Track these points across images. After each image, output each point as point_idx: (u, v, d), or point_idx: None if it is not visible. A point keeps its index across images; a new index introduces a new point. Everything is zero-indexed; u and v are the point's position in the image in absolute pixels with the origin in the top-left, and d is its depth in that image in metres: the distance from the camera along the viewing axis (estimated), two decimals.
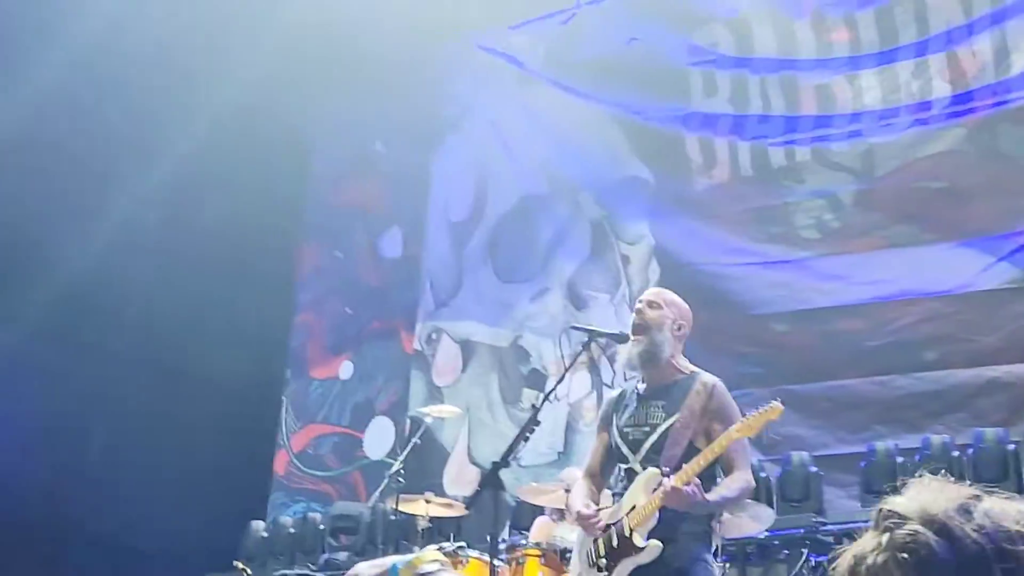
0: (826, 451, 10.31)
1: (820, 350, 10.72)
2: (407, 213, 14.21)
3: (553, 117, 12.88)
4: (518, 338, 12.74)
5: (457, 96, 13.91)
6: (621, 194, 12.31)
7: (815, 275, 10.99)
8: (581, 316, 11.96)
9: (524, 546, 7.83)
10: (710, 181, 11.75)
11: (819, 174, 11.17)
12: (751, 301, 11.24)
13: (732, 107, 11.73)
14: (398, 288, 14.08)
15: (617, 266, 12.14)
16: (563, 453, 11.87)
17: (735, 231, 11.52)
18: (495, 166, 13.38)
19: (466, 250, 13.42)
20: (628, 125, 12.34)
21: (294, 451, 14.31)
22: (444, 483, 12.51)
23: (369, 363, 14.06)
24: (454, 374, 13.16)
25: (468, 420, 12.77)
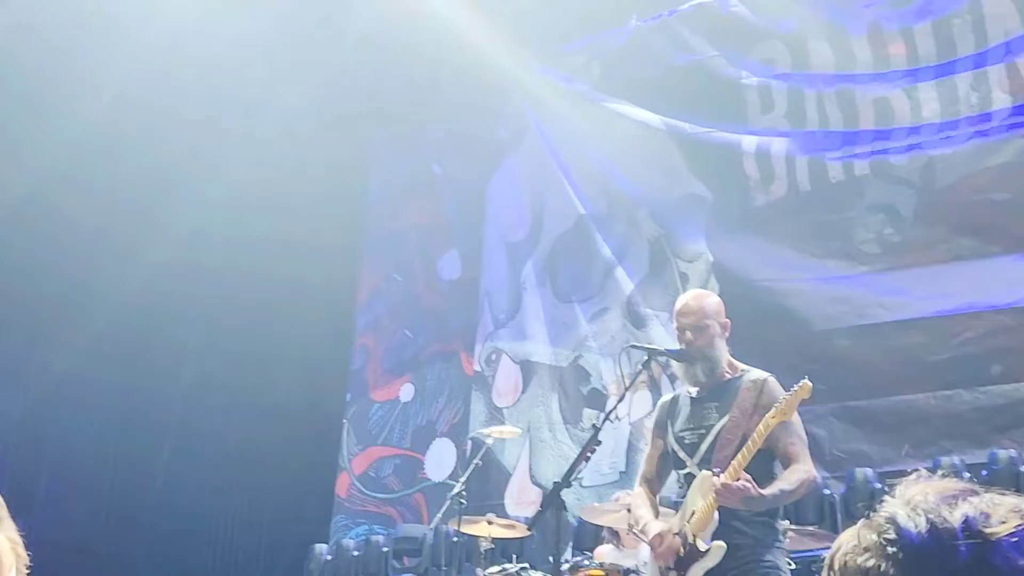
0: (891, 467, 10.19)
1: (883, 365, 10.61)
2: (465, 234, 14.23)
3: (609, 136, 12.86)
4: (578, 358, 12.71)
5: (513, 117, 13.93)
6: (679, 212, 12.26)
7: (877, 290, 10.88)
8: (640, 335, 11.92)
9: (587, 566, 7.80)
10: (768, 197, 11.67)
11: (879, 188, 11.06)
12: (812, 317, 11.14)
13: (789, 123, 11.66)
14: (457, 310, 14.09)
15: (676, 284, 12.08)
16: (624, 472, 11.81)
17: (794, 247, 11.43)
18: (552, 186, 13.38)
19: (524, 270, 13.41)
20: (684, 142, 12.29)
21: (355, 473, 14.34)
22: (506, 504, 12.50)
23: (429, 385, 14.08)
24: (514, 395, 13.15)
25: (529, 440, 12.75)
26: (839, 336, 10.92)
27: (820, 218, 11.33)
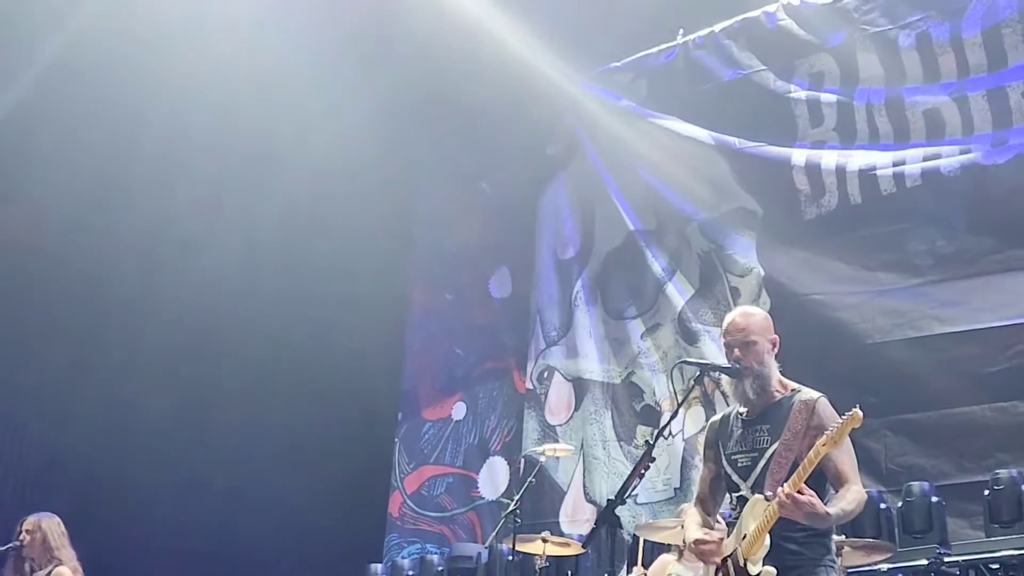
0: (947, 481, 10.11)
1: (938, 378, 10.52)
2: (515, 252, 14.25)
3: (658, 152, 12.85)
4: (630, 374, 12.70)
5: (562, 134, 13.95)
6: (729, 226, 12.24)
7: (930, 302, 10.80)
8: (693, 350, 11.90)
9: None
10: (819, 210, 11.63)
11: (930, 199, 10.98)
12: (865, 330, 11.08)
13: (839, 135, 11.61)
14: (509, 328, 14.12)
15: (727, 299, 12.05)
16: (679, 489, 11.79)
17: (846, 259, 11.38)
18: (601, 202, 13.38)
19: (575, 287, 13.42)
20: (734, 157, 12.27)
21: (408, 492, 14.38)
22: (560, 522, 12.50)
23: (482, 403, 14.11)
24: (567, 412, 13.15)
25: (583, 458, 12.74)
26: (892, 349, 10.85)
27: (871, 231, 11.27)
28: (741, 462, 5.32)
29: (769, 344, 5.40)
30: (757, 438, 5.30)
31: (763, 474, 5.19)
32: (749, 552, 5.06)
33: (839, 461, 5.10)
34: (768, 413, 5.31)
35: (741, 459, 5.33)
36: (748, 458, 5.30)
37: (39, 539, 8.30)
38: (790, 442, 5.14)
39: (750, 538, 5.08)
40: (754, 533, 5.06)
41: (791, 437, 5.15)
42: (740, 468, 5.32)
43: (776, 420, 5.26)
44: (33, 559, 8.30)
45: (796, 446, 5.12)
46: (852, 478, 5.13)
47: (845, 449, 5.11)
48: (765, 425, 5.29)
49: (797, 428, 5.16)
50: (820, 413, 5.19)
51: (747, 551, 5.07)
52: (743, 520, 5.17)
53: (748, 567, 5.06)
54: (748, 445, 5.32)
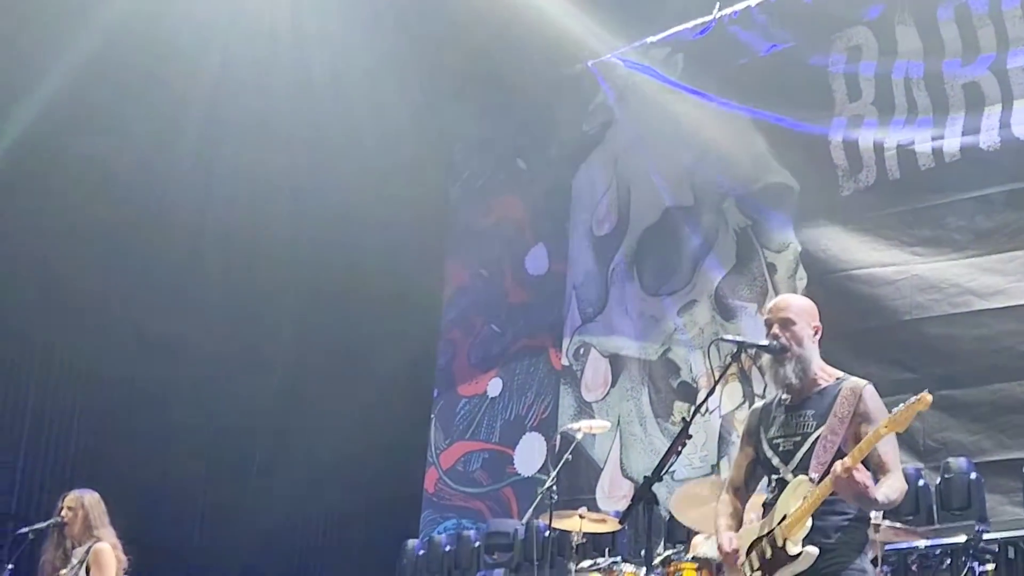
0: (986, 457, 10.06)
1: (977, 353, 10.46)
2: (551, 229, 14.25)
3: (694, 127, 12.81)
4: (667, 351, 12.68)
5: (597, 111, 13.93)
6: (766, 202, 12.19)
7: (969, 277, 10.73)
8: (729, 327, 11.87)
9: (680, 559, 7.79)
10: (856, 185, 11.56)
11: (969, 174, 10.90)
12: (903, 306, 11.02)
13: (877, 110, 11.53)
14: (544, 304, 14.12)
15: (763, 275, 12.02)
16: (716, 465, 11.78)
17: (884, 235, 11.31)
18: (637, 179, 13.35)
19: (611, 264, 13.40)
20: (771, 132, 12.21)
21: (443, 468, 14.42)
22: (597, 498, 12.51)
23: (517, 380, 14.12)
24: (603, 388, 13.14)
25: (619, 434, 12.75)
26: (931, 325, 10.79)
27: (910, 206, 11.20)
28: (783, 447, 5.29)
29: (811, 329, 5.36)
30: (801, 423, 5.26)
31: (806, 458, 5.16)
32: (789, 532, 5.04)
33: (883, 450, 5.06)
34: (812, 399, 5.28)
35: (783, 444, 5.29)
36: (791, 443, 5.26)
37: (81, 516, 8.26)
38: (835, 427, 5.11)
39: (791, 519, 5.05)
40: (796, 514, 5.03)
41: (836, 423, 5.11)
42: (782, 452, 5.28)
43: (821, 406, 5.22)
44: (74, 535, 8.25)
45: (842, 432, 5.10)
46: (894, 468, 5.09)
47: (889, 439, 5.06)
48: (809, 411, 5.26)
49: (843, 414, 5.13)
50: (867, 401, 5.16)
51: (787, 531, 5.05)
52: (782, 501, 5.15)
53: (787, 547, 5.03)
54: (791, 430, 5.28)
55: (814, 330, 5.36)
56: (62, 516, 8.29)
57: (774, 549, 5.09)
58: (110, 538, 8.30)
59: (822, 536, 5.03)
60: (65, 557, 8.28)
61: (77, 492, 8.52)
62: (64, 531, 8.28)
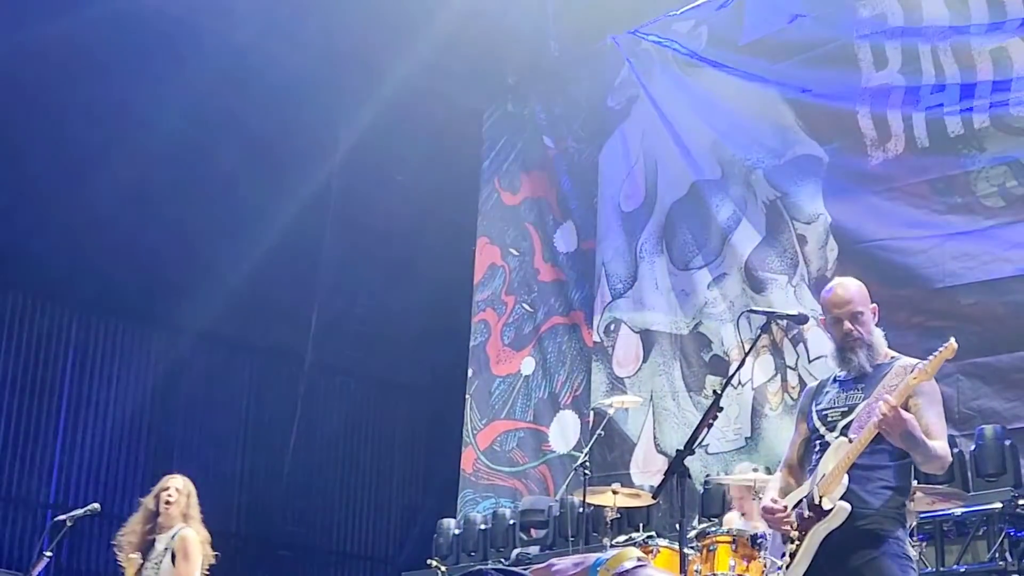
0: (1021, 424, 10.01)
1: (1010, 320, 10.39)
2: (579, 207, 14.24)
3: (720, 100, 12.77)
4: (698, 325, 12.66)
5: (623, 86, 13.90)
6: (794, 173, 12.13)
7: (1001, 244, 10.65)
8: (760, 299, 11.83)
9: (715, 533, 7.79)
10: (885, 155, 11.49)
11: (999, 140, 10.81)
12: (935, 274, 10.95)
13: (904, 78, 11.44)
14: (575, 282, 14.12)
15: (794, 246, 11.97)
16: (750, 438, 11.77)
17: (914, 204, 11.23)
18: (664, 153, 13.32)
19: (640, 239, 13.38)
20: (797, 103, 12.16)
21: (480, 448, 14.45)
22: (632, 473, 12.52)
23: (550, 358, 14.13)
24: (635, 364, 13.14)
25: (652, 409, 12.74)
26: (963, 292, 10.72)
27: (940, 173, 11.11)
28: (831, 417, 5.35)
29: (871, 313, 5.41)
30: (851, 395, 5.33)
31: (849, 423, 5.25)
32: (826, 490, 5.12)
33: (928, 416, 5.12)
34: (865, 376, 5.33)
35: (831, 414, 5.36)
36: (838, 412, 5.33)
37: (183, 501, 8.10)
38: (881, 393, 5.13)
39: (828, 476, 5.13)
40: (833, 471, 5.11)
41: (883, 392, 5.14)
42: (829, 422, 5.35)
43: (873, 382, 5.28)
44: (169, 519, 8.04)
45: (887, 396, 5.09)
46: (940, 436, 5.14)
47: (938, 409, 5.17)
48: (860, 385, 5.33)
49: (891, 385, 5.16)
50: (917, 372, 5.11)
51: (824, 488, 5.13)
52: (824, 461, 5.23)
53: (823, 503, 5.11)
54: (840, 402, 5.36)
55: (873, 312, 5.42)
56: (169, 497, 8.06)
57: (811, 506, 5.16)
58: (200, 530, 8.17)
59: (859, 502, 5.09)
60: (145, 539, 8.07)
61: (182, 477, 8.35)
62: (160, 512, 8.06)
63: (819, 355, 11.33)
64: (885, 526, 5.11)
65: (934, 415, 5.14)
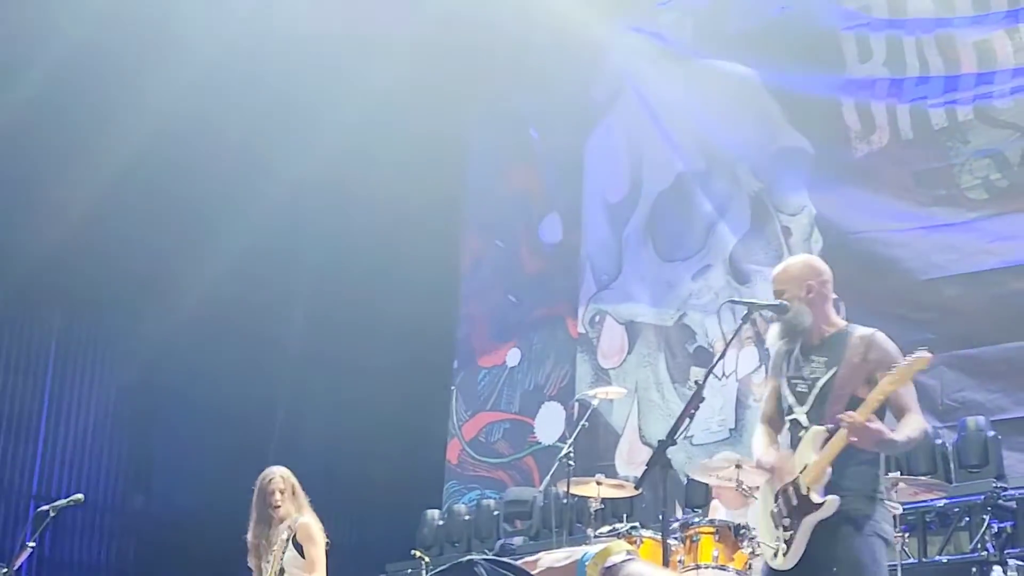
0: (1004, 415, 10.06)
1: (993, 312, 10.45)
2: (564, 198, 14.23)
3: (706, 92, 12.78)
4: (682, 316, 12.67)
5: (607, 78, 13.89)
6: (779, 165, 12.15)
7: (985, 236, 10.70)
8: (744, 290, 11.86)
9: (698, 524, 7.80)
10: (870, 147, 11.52)
11: (983, 133, 10.86)
12: (919, 266, 11.00)
13: (888, 70, 11.48)
14: (560, 273, 14.12)
15: (778, 238, 11.99)
16: (734, 430, 11.79)
17: (899, 196, 11.28)
18: (649, 145, 13.32)
19: (625, 231, 13.38)
20: (782, 95, 12.18)
21: (466, 439, 14.46)
22: (616, 464, 12.54)
23: (536, 349, 14.13)
24: (620, 355, 13.15)
25: (637, 401, 12.76)
26: (947, 284, 10.77)
27: (924, 166, 11.16)
28: (799, 388, 5.53)
29: (803, 290, 5.59)
30: (813, 367, 5.50)
31: (819, 401, 5.43)
32: (811, 481, 5.26)
33: (900, 394, 5.29)
34: (825, 345, 5.53)
35: (799, 385, 5.54)
36: (805, 385, 5.51)
37: (290, 493, 7.94)
38: (847, 375, 5.35)
39: (812, 468, 5.27)
40: (817, 463, 5.25)
41: (848, 370, 5.35)
42: (797, 393, 5.53)
43: (833, 352, 5.47)
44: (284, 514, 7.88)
45: (853, 378, 5.34)
46: (914, 408, 5.35)
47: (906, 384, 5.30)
48: (822, 357, 5.50)
49: (855, 361, 5.36)
50: (879, 346, 5.40)
51: (809, 479, 5.27)
52: (802, 450, 5.38)
53: (811, 495, 5.26)
54: (805, 373, 5.53)
55: (807, 290, 5.58)
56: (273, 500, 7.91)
57: (799, 497, 5.29)
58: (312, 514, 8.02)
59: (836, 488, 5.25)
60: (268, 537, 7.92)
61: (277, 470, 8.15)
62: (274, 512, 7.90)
63: None
64: (862, 508, 5.26)
65: (907, 393, 5.33)
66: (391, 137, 13.31)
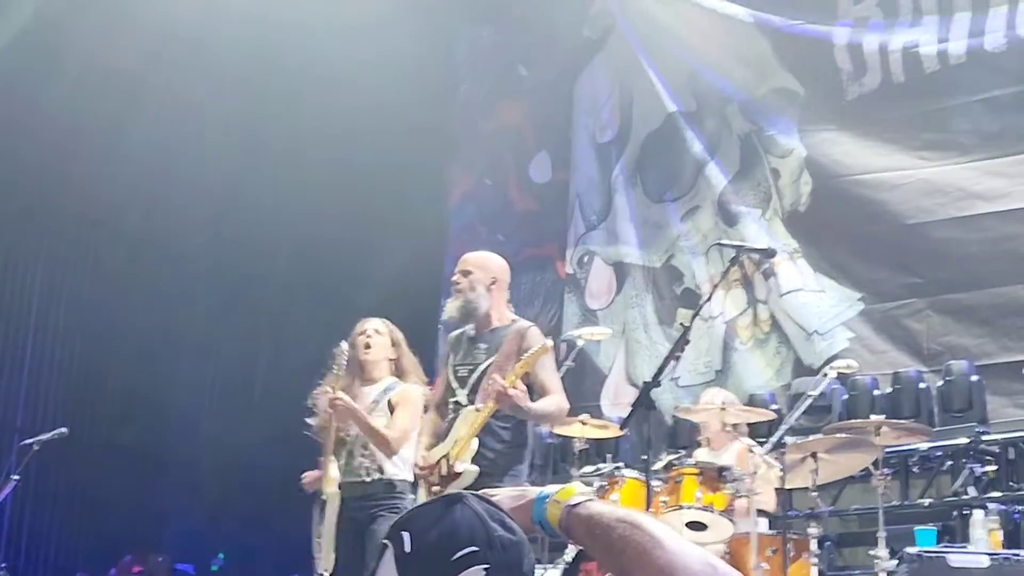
0: (989, 360, 10.08)
1: (981, 257, 10.45)
2: (554, 137, 14.15)
3: (697, 33, 12.68)
4: (670, 258, 12.65)
5: (598, 16, 13.77)
6: (769, 107, 12.09)
7: (974, 181, 10.69)
8: (732, 232, 11.83)
9: (681, 465, 7.82)
10: (861, 89, 11.46)
11: (976, 77, 10.81)
12: (909, 210, 10.99)
13: (881, 12, 11.41)
14: (549, 213, 14.06)
15: (767, 180, 11.96)
16: (721, 372, 11.81)
17: (889, 139, 11.24)
18: (639, 84, 13.23)
19: (614, 171, 13.33)
20: (774, 36, 12.09)
21: None
22: (602, 405, 12.55)
23: (524, 290, 14.06)
24: (608, 296, 13.14)
25: (625, 342, 12.76)
26: (936, 228, 10.77)
27: (915, 109, 11.13)
28: (460, 372, 6.38)
29: (488, 279, 6.46)
30: (475, 354, 6.37)
31: (476, 384, 6.25)
32: (459, 454, 6.07)
33: (543, 379, 6.17)
34: (486, 336, 6.40)
35: (461, 370, 6.38)
36: (466, 370, 6.35)
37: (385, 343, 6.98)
38: (502, 362, 6.18)
39: (460, 442, 6.08)
40: (464, 437, 6.07)
41: (503, 359, 6.19)
42: (460, 378, 6.36)
43: (493, 342, 6.34)
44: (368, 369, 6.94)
45: (507, 367, 6.13)
46: (554, 390, 6.21)
47: (549, 369, 6.27)
48: (484, 344, 6.37)
49: (510, 351, 6.20)
50: (529, 338, 6.23)
51: (457, 453, 6.08)
52: (456, 427, 6.18)
53: (456, 465, 6.07)
54: (468, 360, 6.38)
55: (491, 280, 6.46)
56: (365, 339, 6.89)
57: (448, 468, 6.11)
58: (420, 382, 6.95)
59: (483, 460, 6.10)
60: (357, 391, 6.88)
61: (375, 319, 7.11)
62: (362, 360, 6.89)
63: (790, 289, 11.38)
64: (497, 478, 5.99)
65: (548, 374, 6.22)
66: (377, 73, 13.19)
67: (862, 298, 10.89)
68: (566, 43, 14.04)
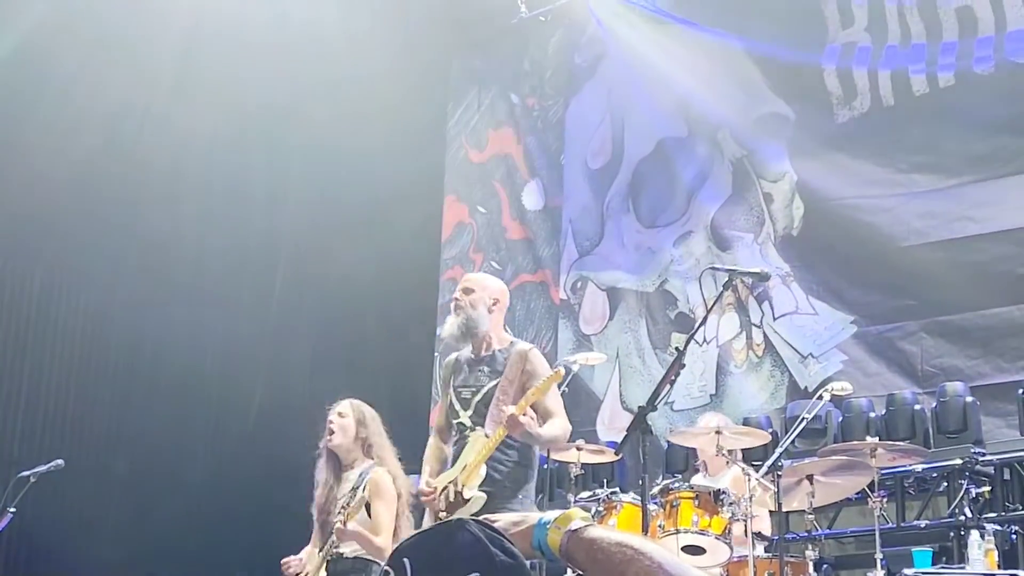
0: (983, 381, 10.11)
1: (974, 279, 10.48)
2: (546, 164, 14.20)
3: (687, 58, 12.75)
4: (664, 282, 12.69)
5: (589, 43, 13.84)
6: (761, 131, 12.15)
7: (965, 202, 10.73)
8: (726, 257, 11.88)
9: (678, 489, 7.83)
10: (851, 113, 11.53)
11: (965, 99, 10.87)
12: (900, 233, 11.03)
13: (870, 37, 11.48)
14: (542, 240, 14.10)
15: (760, 204, 12.01)
16: (715, 395, 11.83)
17: (880, 162, 11.29)
18: (631, 111, 13.30)
19: (607, 197, 13.38)
20: (764, 61, 12.16)
21: None
22: (598, 430, 12.57)
23: (519, 317, 14.10)
24: (601, 321, 13.17)
25: (619, 367, 12.78)
26: (928, 251, 10.80)
27: (905, 132, 11.18)
28: (463, 395, 6.45)
29: (490, 300, 6.52)
30: (478, 376, 6.44)
31: (480, 405, 6.35)
32: (467, 480, 6.12)
33: (547, 403, 6.28)
34: (487, 359, 6.47)
35: (464, 392, 6.45)
36: (469, 391, 6.43)
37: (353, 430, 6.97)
38: (506, 387, 6.28)
39: (469, 468, 6.15)
40: (473, 463, 6.14)
41: (507, 383, 6.29)
42: (463, 399, 6.44)
43: (494, 364, 6.43)
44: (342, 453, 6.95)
45: (511, 391, 6.26)
46: (558, 414, 6.36)
47: (552, 393, 6.35)
48: (485, 367, 6.45)
49: (513, 374, 6.31)
50: (532, 360, 6.39)
51: (465, 479, 6.13)
52: (464, 452, 6.26)
53: (464, 491, 6.12)
54: (471, 382, 6.46)
55: (493, 300, 6.53)
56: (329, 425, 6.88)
57: (455, 493, 6.15)
58: (392, 462, 6.91)
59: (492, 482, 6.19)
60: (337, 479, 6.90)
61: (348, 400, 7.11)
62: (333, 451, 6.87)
63: (784, 312, 11.42)
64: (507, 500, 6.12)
65: (551, 399, 6.32)
66: (372, 103, 13.23)
67: (855, 321, 10.93)
68: (558, 71, 14.11)
